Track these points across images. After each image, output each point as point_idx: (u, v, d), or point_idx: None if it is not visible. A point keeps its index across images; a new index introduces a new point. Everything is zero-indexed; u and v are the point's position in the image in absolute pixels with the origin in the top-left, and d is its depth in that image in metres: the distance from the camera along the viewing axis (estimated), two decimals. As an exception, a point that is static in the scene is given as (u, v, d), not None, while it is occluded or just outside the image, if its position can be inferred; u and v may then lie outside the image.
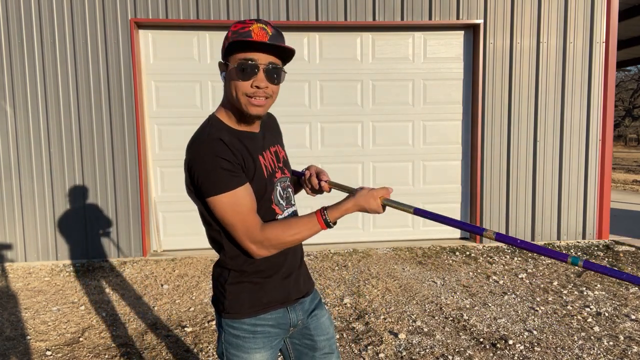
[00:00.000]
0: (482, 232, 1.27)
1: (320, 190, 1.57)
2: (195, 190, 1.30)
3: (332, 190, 1.57)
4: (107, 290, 4.18)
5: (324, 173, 1.58)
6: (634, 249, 5.24)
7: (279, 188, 1.41)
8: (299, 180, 1.65)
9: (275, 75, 1.30)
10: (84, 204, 5.06)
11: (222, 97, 1.43)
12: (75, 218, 5.05)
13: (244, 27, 1.27)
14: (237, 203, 1.25)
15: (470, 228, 1.32)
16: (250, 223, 1.26)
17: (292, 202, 1.48)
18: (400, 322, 3.41)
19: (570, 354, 2.94)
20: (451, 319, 3.47)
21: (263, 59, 1.28)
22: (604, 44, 5.42)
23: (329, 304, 3.76)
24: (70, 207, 5.04)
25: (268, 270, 1.38)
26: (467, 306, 3.70)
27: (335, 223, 1.30)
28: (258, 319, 1.37)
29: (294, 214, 1.48)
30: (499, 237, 1.26)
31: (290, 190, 1.49)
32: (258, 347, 1.36)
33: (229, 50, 1.30)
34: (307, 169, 1.62)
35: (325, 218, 1.29)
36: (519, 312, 3.58)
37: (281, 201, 1.40)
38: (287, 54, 1.33)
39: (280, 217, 1.39)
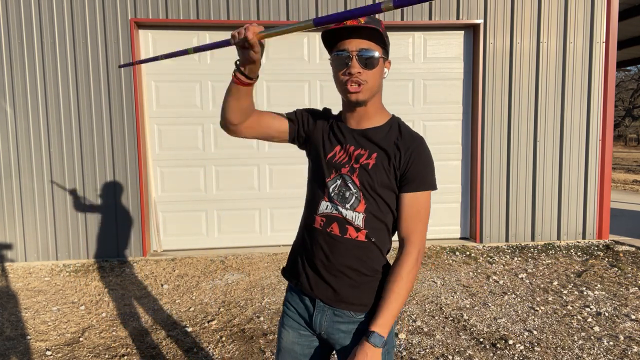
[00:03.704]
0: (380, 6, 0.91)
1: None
2: None
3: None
4: (107, 290, 4.18)
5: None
6: (634, 249, 5.24)
7: (339, 181, 1.38)
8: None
9: (366, 61, 1.30)
10: (84, 204, 5.05)
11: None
12: (75, 218, 5.05)
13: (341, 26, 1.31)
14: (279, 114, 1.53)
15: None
16: None
17: (347, 207, 1.36)
18: (400, 322, 3.41)
19: (570, 354, 2.94)
20: (451, 319, 3.47)
21: (354, 45, 1.29)
22: (604, 44, 5.42)
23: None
24: (70, 207, 5.04)
25: (298, 243, 1.50)
26: (467, 306, 3.70)
27: (249, 77, 1.23)
28: (292, 299, 1.49)
29: (343, 215, 1.38)
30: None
31: (352, 194, 1.36)
32: (288, 324, 1.49)
33: (326, 47, 1.38)
34: None
35: (237, 68, 1.24)
36: (519, 312, 3.58)
37: (331, 193, 1.38)
38: (379, 38, 1.31)
39: (323, 202, 1.40)
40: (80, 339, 3.24)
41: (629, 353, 2.93)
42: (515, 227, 5.54)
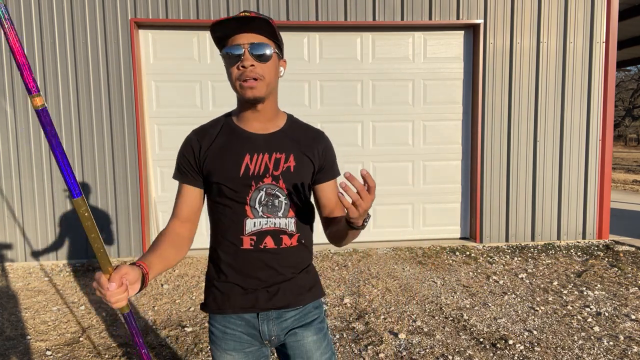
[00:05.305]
0: None
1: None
2: None
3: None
4: (107, 290, 4.18)
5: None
6: (634, 249, 5.24)
7: (262, 193, 1.34)
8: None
9: (259, 54, 1.26)
10: (84, 204, 5.05)
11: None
12: (75, 218, 5.05)
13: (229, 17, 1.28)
14: (178, 191, 1.48)
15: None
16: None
17: (279, 215, 1.35)
18: (400, 322, 3.41)
19: (570, 354, 2.94)
20: (451, 319, 3.47)
21: (245, 39, 1.26)
22: (604, 44, 5.42)
23: (329, 304, 3.76)
24: (70, 207, 5.04)
25: (221, 273, 1.40)
26: (467, 306, 3.70)
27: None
28: (227, 321, 1.39)
29: (277, 226, 1.36)
30: None
31: (281, 202, 1.35)
32: (229, 348, 1.39)
33: (217, 45, 1.33)
34: None
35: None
36: (519, 312, 3.58)
37: (257, 206, 1.34)
38: (271, 33, 1.28)
39: (249, 220, 1.34)
40: (80, 339, 3.24)
41: (629, 353, 2.93)
42: (515, 227, 5.54)
